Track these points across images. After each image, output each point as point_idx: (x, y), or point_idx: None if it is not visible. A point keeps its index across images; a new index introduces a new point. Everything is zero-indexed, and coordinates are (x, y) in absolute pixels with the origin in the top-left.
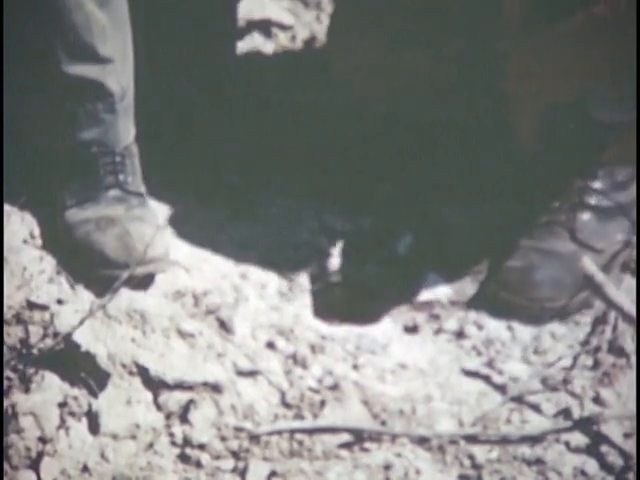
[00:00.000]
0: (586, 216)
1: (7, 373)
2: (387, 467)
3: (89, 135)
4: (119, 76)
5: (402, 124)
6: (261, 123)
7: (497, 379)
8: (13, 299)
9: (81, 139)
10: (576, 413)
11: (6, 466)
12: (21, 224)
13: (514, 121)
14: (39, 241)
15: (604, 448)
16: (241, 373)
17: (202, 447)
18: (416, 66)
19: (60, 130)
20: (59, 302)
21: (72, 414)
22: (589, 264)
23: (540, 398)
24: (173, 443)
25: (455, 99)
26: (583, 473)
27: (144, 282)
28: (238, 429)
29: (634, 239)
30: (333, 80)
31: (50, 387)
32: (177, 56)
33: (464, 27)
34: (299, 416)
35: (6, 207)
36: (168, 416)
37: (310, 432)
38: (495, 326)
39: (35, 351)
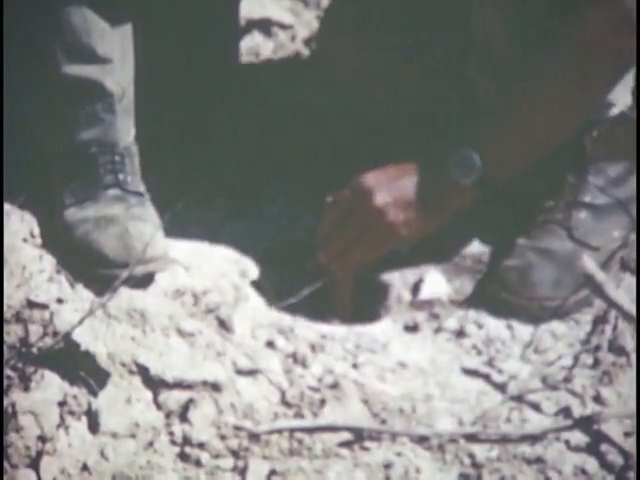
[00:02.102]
0: (582, 214)
1: (7, 372)
2: (387, 466)
3: (88, 135)
4: (118, 76)
5: (402, 123)
6: (261, 122)
7: (497, 378)
8: (13, 298)
9: (81, 139)
10: (576, 412)
11: (6, 465)
12: (21, 223)
13: None
14: (39, 240)
15: (604, 447)
16: (241, 372)
17: (202, 446)
18: (411, 69)
19: (59, 130)
20: (59, 301)
21: (72, 413)
22: (589, 263)
23: (540, 397)
24: (173, 442)
25: (453, 99)
26: (583, 472)
27: (144, 281)
28: (238, 428)
29: (632, 236)
30: (333, 80)
31: (50, 386)
32: (177, 55)
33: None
34: (299, 415)
35: (6, 206)
36: (168, 415)
37: (310, 431)
38: (495, 325)
39: (35, 350)
